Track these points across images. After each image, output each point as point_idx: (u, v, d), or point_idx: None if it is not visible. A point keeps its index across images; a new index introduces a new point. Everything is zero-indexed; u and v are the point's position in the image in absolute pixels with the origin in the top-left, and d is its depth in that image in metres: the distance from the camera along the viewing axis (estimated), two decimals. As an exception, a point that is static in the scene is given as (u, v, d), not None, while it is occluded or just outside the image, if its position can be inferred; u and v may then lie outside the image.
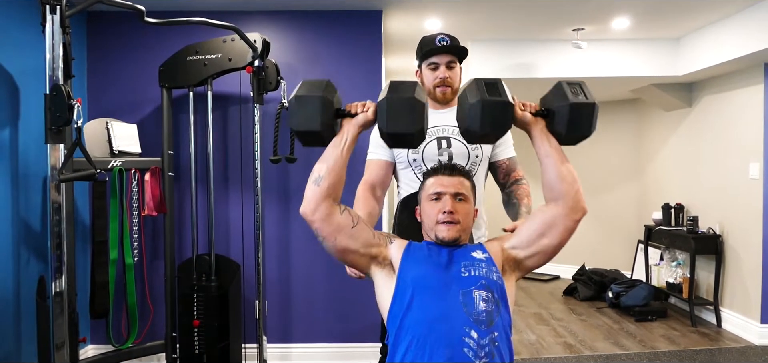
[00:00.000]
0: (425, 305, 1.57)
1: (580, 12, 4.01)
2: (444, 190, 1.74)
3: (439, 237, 1.72)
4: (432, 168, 1.86)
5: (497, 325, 1.56)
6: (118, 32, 3.84)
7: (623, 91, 5.92)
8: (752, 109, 4.45)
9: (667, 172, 5.80)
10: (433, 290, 1.60)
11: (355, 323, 3.92)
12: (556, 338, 4.60)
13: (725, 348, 4.33)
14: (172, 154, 3.62)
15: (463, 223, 1.74)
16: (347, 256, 1.71)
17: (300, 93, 1.63)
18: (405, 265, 1.69)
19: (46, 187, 3.37)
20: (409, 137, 1.66)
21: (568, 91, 1.64)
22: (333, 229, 1.66)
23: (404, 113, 1.61)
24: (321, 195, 1.65)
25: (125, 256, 3.49)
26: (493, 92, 1.61)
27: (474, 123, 1.62)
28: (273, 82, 3.46)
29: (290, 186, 3.90)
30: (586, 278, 5.97)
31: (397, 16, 4.03)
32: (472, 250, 1.72)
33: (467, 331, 1.51)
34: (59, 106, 2.52)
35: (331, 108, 1.64)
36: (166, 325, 3.60)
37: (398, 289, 1.65)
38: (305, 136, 1.67)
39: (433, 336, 1.52)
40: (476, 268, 1.64)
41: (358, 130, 1.70)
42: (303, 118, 1.63)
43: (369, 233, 1.73)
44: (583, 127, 1.65)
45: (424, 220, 1.80)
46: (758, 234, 4.40)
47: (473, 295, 1.58)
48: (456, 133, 2.09)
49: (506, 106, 1.62)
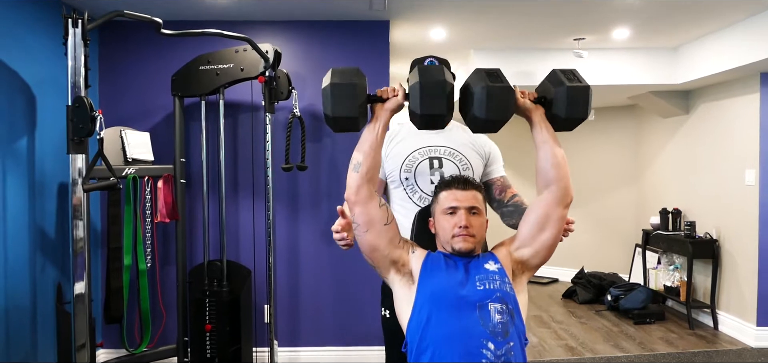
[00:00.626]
0: (443, 321, 1.65)
1: (581, 22, 4.11)
2: (459, 205, 1.81)
3: (455, 248, 1.80)
4: (445, 181, 1.91)
5: (512, 336, 1.64)
6: (129, 42, 3.91)
7: (622, 98, 6.03)
8: (748, 118, 4.56)
9: (664, 178, 5.91)
10: (451, 306, 1.67)
11: (362, 327, 4.00)
12: (558, 341, 4.70)
13: (722, 350, 4.44)
14: (184, 161, 3.70)
15: (477, 236, 1.82)
16: (373, 253, 1.80)
17: (334, 80, 1.72)
18: (423, 278, 1.77)
19: (62, 194, 3.46)
20: (441, 118, 1.76)
21: (563, 77, 1.77)
22: (368, 219, 1.77)
23: (437, 96, 1.70)
24: (361, 179, 1.76)
25: (138, 262, 3.56)
26: (495, 79, 1.72)
27: (479, 110, 1.72)
28: (285, 91, 3.54)
29: (298, 193, 3.97)
30: (585, 281, 6.07)
31: (404, 26, 4.12)
32: (484, 261, 1.80)
33: (485, 344, 1.60)
34: (81, 117, 2.59)
35: (363, 94, 1.74)
36: (178, 329, 3.68)
37: (417, 303, 1.73)
38: (339, 122, 1.76)
39: (452, 350, 1.60)
40: (490, 282, 1.72)
41: (390, 115, 1.80)
42: (338, 104, 1.72)
43: (397, 236, 1.82)
44: (580, 109, 1.77)
45: (439, 233, 1.87)
46: (754, 239, 4.51)
47: (489, 307, 1.65)
48: (448, 154, 2.16)
49: (509, 92, 1.74)
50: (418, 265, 1.81)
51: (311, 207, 3.97)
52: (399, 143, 2.21)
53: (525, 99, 1.82)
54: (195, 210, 3.91)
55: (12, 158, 3.06)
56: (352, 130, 1.81)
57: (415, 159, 2.17)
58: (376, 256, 1.82)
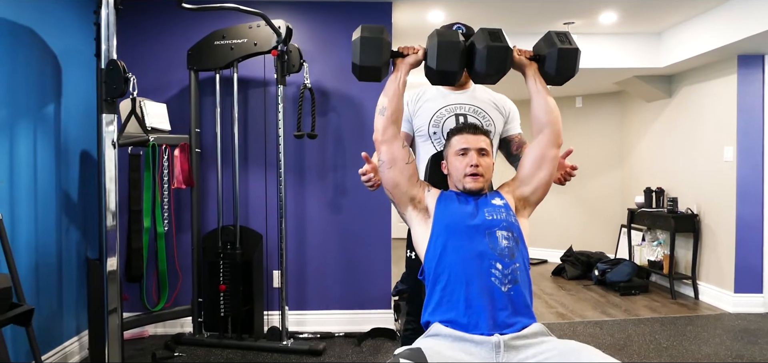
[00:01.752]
0: (457, 247, 1.89)
1: (571, 6, 4.38)
2: (469, 146, 2.05)
3: (466, 187, 2.04)
4: (457, 127, 2.17)
5: (517, 258, 1.89)
6: (147, 16, 4.11)
7: (608, 84, 6.33)
8: (726, 98, 4.86)
9: (648, 159, 6.21)
10: (464, 233, 1.91)
11: (367, 291, 4.23)
12: (549, 309, 4.97)
13: (702, 315, 4.73)
14: (198, 132, 3.91)
15: (486, 175, 2.07)
16: (395, 188, 2.04)
17: (364, 34, 1.99)
18: (439, 212, 2.01)
19: (84, 161, 3.66)
20: (453, 75, 2.05)
21: (556, 39, 2.05)
22: (392, 157, 2.01)
23: (451, 54, 2.00)
24: (387, 120, 2.02)
25: (157, 226, 3.77)
26: (495, 39, 2.00)
27: (481, 65, 2.01)
28: (296, 64, 3.77)
29: (305, 165, 4.19)
30: (574, 259, 6.36)
31: (405, 8, 4.36)
32: (492, 198, 2.05)
33: (493, 264, 1.84)
34: (115, 78, 2.80)
35: (388, 48, 2.03)
36: (193, 290, 3.89)
37: (433, 233, 1.97)
38: (366, 71, 2.03)
39: (466, 270, 1.84)
40: (497, 213, 1.97)
41: (409, 68, 2.08)
42: (366, 56, 2.00)
43: (415, 174, 2.07)
44: (569, 68, 2.07)
45: (451, 173, 2.12)
46: (732, 212, 4.81)
47: (497, 234, 1.90)
48: (472, 111, 2.40)
49: (507, 51, 2.01)
50: (433, 202, 2.05)
51: (318, 178, 4.19)
52: (427, 101, 2.45)
53: (521, 56, 2.10)
54: (209, 179, 4.12)
55: (42, 124, 3.25)
56: (375, 79, 2.08)
57: (443, 115, 2.41)
58: (396, 192, 2.05)
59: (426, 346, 1.72)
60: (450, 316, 1.81)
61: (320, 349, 3.68)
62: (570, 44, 2.04)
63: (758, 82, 4.73)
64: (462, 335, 1.74)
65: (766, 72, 4.72)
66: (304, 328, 4.17)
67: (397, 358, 1.62)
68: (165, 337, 3.98)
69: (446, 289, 1.85)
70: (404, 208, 2.08)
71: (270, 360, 3.58)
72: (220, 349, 3.75)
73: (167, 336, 3.97)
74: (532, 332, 1.77)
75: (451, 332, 1.76)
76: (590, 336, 4.08)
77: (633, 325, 4.41)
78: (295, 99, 4.04)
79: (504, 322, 1.77)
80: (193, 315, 3.91)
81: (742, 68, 4.73)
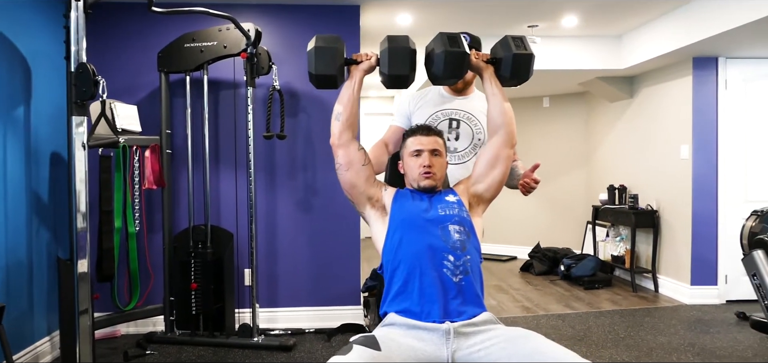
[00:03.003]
0: (412, 240, 2.01)
1: (535, 9, 4.54)
2: (423, 147, 2.18)
3: (420, 185, 2.17)
4: (411, 129, 2.29)
5: (469, 251, 2.02)
6: (116, 20, 4.14)
7: (573, 85, 6.51)
8: (683, 98, 5.07)
9: (612, 157, 6.42)
10: (418, 228, 2.03)
11: (337, 288, 4.33)
12: (515, 303, 5.12)
13: (661, 307, 4.93)
14: (169, 133, 3.97)
15: (438, 174, 2.20)
16: (352, 189, 2.17)
17: (318, 45, 2.10)
18: (395, 209, 2.13)
19: (54, 163, 3.70)
20: (405, 78, 2.15)
21: (512, 44, 2.17)
22: (349, 160, 2.13)
23: (401, 59, 2.11)
24: (342, 125, 2.15)
25: (128, 226, 3.82)
26: (453, 45, 2.12)
27: (439, 68, 2.14)
28: (265, 66, 3.85)
29: (276, 165, 4.27)
30: (541, 255, 6.54)
31: (373, 11, 4.47)
32: (445, 195, 2.18)
33: (446, 256, 1.97)
34: (84, 81, 2.86)
35: (342, 57, 2.14)
36: (164, 289, 3.95)
37: (390, 229, 2.10)
38: (321, 79, 2.14)
39: (420, 262, 1.96)
40: (450, 209, 2.10)
41: (363, 74, 2.21)
42: (321, 64, 2.11)
43: (373, 176, 2.19)
44: (523, 73, 2.19)
45: (407, 172, 2.25)
46: (688, 207, 5.01)
47: (449, 228, 2.03)
48: (465, 118, 2.54)
49: (464, 56, 2.14)
50: (389, 200, 2.17)
51: (288, 178, 4.28)
52: (427, 103, 2.59)
53: (478, 60, 2.21)
54: (180, 179, 4.17)
55: (12, 126, 3.28)
56: (331, 86, 2.20)
57: (438, 118, 2.54)
58: (354, 192, 2.18)
59: (380, 334, 1.83)
60: (405, 305, 1.93)
61: (290, 345, 3.77)
62: (525, 49, 2.16)
63: (712, 84, 4.94)
64: (415, 323, 1.86)
65: (719, 74, 4.93)
66: (275, 325, 4.26)
67: (351, 344, 1.73)
68: (137, 336, 4.03)
69: (402, 281, 1.97)
70: (362, 208, 2.20)
71: (241, 356, 3.66)
72: (191, 347, 3.81)
73: (140, 335, 4.03)
74: (482, 320, 1.89)
75: (405, 321, 1.88)
76: (552, 328, 4.24)
77: (594, 318, 4.58)
78: (264, 100, 4.12)
79: (455, 311, 1.89)
80: (165, 313, 3.97)
81: (697, 70, 4.93)
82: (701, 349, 3.78)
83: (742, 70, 4.96)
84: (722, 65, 4.93)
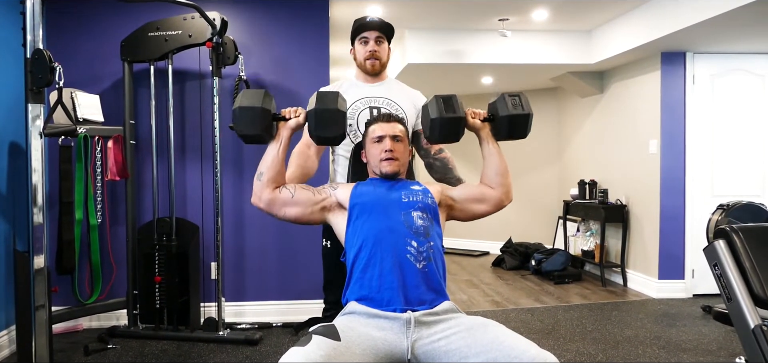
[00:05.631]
0: (374, 225, 1.97)
1: (505, 2, 4.53)
2: (384, 133, 2.15)
3: (382, 171, 2.13)
4: (373, 118, 2.26)
5: (432, 237, 1.99)
6: (78, 7, 4.05)
7: (544, 80, 6.55)
8: (651, 93, 5.12)
9: (583, 152, 6.46)
10: (381, 212, 2.00)
11: (304, 282, 4.29)
12: (485, 297, 5.13)
13: (629, 301, 4.97)
14: (133, 123, 3.89)
15: (401, 160, 2.16)
16: (300, 220, 2.10)
17: (243, 104, 1.98)
18: (355, 198, 2.09)
19: (12, 153, 3.60)
20: (333, 139, 2.09)
21: (509, 102, 2.13)
22: (278, 206, 2.07)
23: (329, 120, 2.01)
24: (263, 186, 2.06)
25: (89, 217, 3.73)
26: (449, 110, 2.09)
27: (433, 134, 2.12)
28: (231, 56, 3.79)
29: (244, 156, 4.22)
30: (513, 250, 6.56)
31: (342, 3, 4.43)
32: (411, 184, 2.15)
33: (409, 241, 1.93)
34: (40, 68, 2.78)
35: (268, 116, 2.01)
36: (127, 282, 3.87)
37: (351, 216, 2.05)
38: (247, 138, 2.05)
39: (382, 246, 1.92)
40: (414, 196, 2.07)
41: (291, 133, 2.10)
42: (245, 124, 1.99)
43: (309, 194, 2.10)
44: (520, 131, 2.17)
45: (369, 160, 2.21)
46: (656, 202, 5.06)
47: (412, 214, 2.00)
48: (386, 104, 2.49)
49: (459, 121, 2.11)
50: (346, 194, 2.11)
51: (256, 170, 4.21)
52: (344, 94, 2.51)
53: (474, 119, 2.18)
54: (144, 171, 4.09)
55: (-35, 113, 3.19)
56: (259, 143, 2.08)
57: (358, 107, 2.47)
58: (303, 220, 2.11)
59: (340, 323, 1.80)
60: (364, 293, 1.89)
61: (256, 339, 3.72)
62: (522, 109, 2.13)
63: (680, 78, 4.99)
64: (376, 312, 1.83)
65: (687, 69, 4.98)
66: (243, 319, 4.20)
67: (311, 334, 1.70)
68: (100, 330, 3.94)
69: (362, 267, 1.93)
70: (320, 219, 2.13)
71: (206, 350, 3.60)
72: (155, 341, 3.75)
73: (102, 329, 3.94)
74: (443, 310, 1.86)
75: (365, 309, 1.85)
76: (521, 322, 4.24)
77: (563, 312, 4.61)
78: (231, 91, 4.06)
79: (416, 299, 1.86)
80: (128, 307, 3.89)
81: (666, 65, 4.98)
82: (667, 342, 3.82)
83: (710, 66, 5.02)
84: (690, 60, 4.99)
